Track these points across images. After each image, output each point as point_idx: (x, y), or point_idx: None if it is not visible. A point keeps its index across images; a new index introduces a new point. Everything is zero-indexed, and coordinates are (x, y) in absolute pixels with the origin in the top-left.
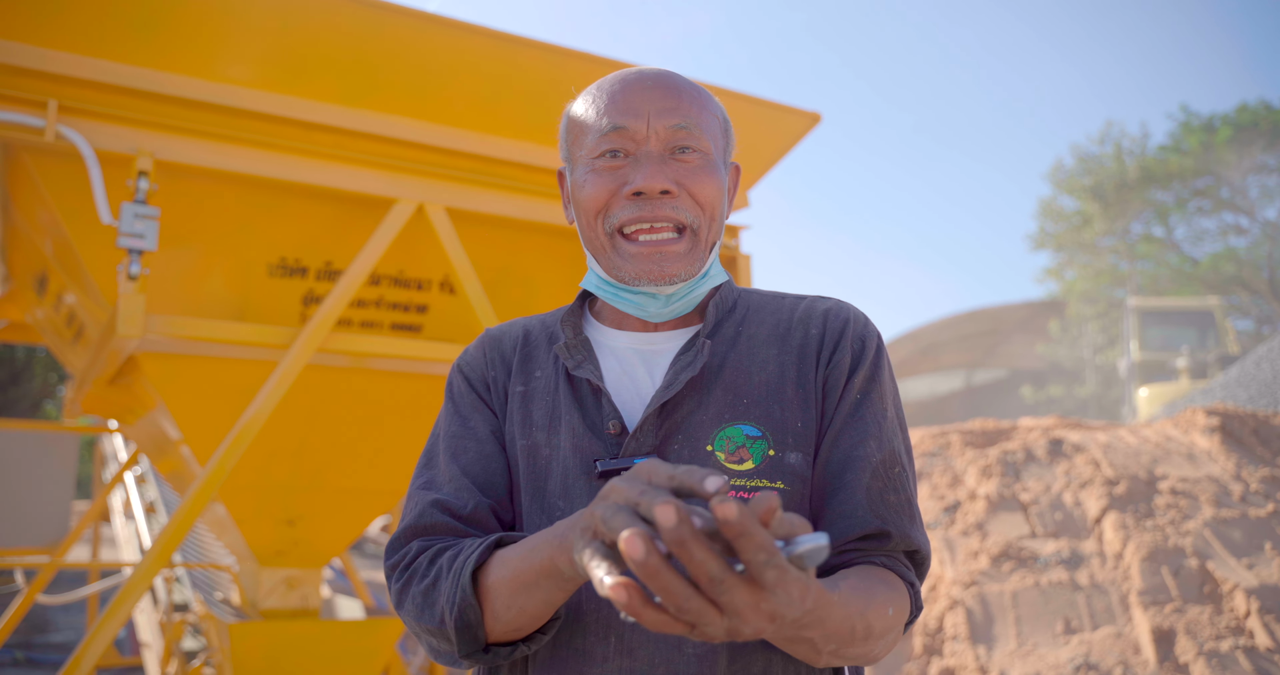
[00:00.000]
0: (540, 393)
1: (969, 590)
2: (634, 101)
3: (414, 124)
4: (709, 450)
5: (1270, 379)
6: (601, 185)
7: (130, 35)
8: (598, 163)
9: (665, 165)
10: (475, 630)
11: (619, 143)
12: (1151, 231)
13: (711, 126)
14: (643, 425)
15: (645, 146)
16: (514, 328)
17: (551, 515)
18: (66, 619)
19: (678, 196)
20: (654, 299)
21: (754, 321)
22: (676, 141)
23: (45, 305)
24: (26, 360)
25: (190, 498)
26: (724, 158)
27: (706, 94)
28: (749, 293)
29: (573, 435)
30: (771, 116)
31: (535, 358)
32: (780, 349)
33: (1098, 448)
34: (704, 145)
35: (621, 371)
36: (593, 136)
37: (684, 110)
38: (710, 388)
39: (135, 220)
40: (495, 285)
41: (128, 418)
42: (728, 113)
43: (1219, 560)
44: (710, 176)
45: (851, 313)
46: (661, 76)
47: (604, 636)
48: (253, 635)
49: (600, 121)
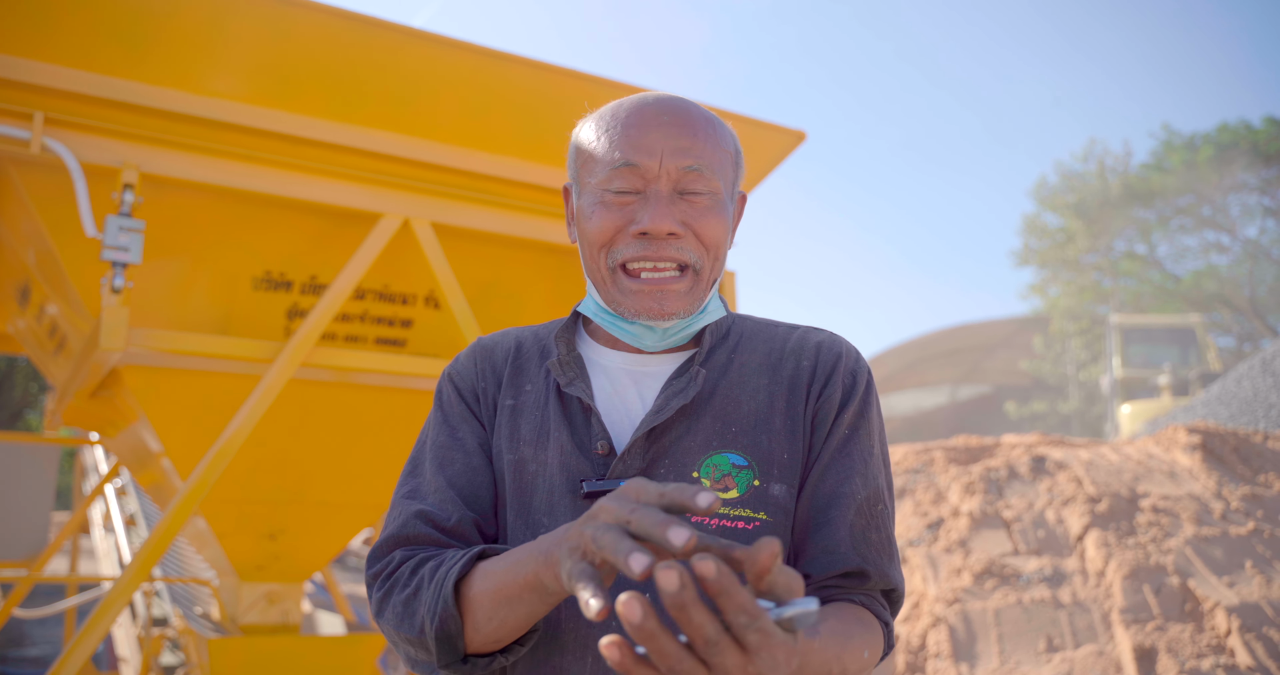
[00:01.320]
0: (530, 407)
1: (952, 608)
2: (648, 139)
3: (400, 139)
4: (694, 477)
5: (1251, 397)
6: (609, 220)
7: (117, 48)
8: (606, 196)
9: (674, 206)
10: (455, 641)
11: (629, 179)
12: (1134, 249)
13: (723, 163)
14: (631, 448)
15: (655, 185)
16: (506, 338)
17: (536, 531)
18: (43, 633)
19: (683, 238)
20: (651, 331)
21: (746, 349)
22: (687, 184)
23: (27, 316)
24: (8, 370)
25: (171, 511)
26: (732, 191)
27: (720, 126)
28: (743, 319)
29: (561, 453)
30: (757, 134)
31: (526, 371)
32: (771, 379)
33: (1080, 465)
34: (714, 185)
35: (612, 391)
36: (603, 168)
37: (697, 150)
38: (700, 414)
39: (120, 233)
40: (480, 300)
41: (109, 430)
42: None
43: (1200, 578)
44: (717, 218)
45: (844, 347)
46: (677, 111)
47: (581, 655)
48: (232, 651)
49: (612, 154)
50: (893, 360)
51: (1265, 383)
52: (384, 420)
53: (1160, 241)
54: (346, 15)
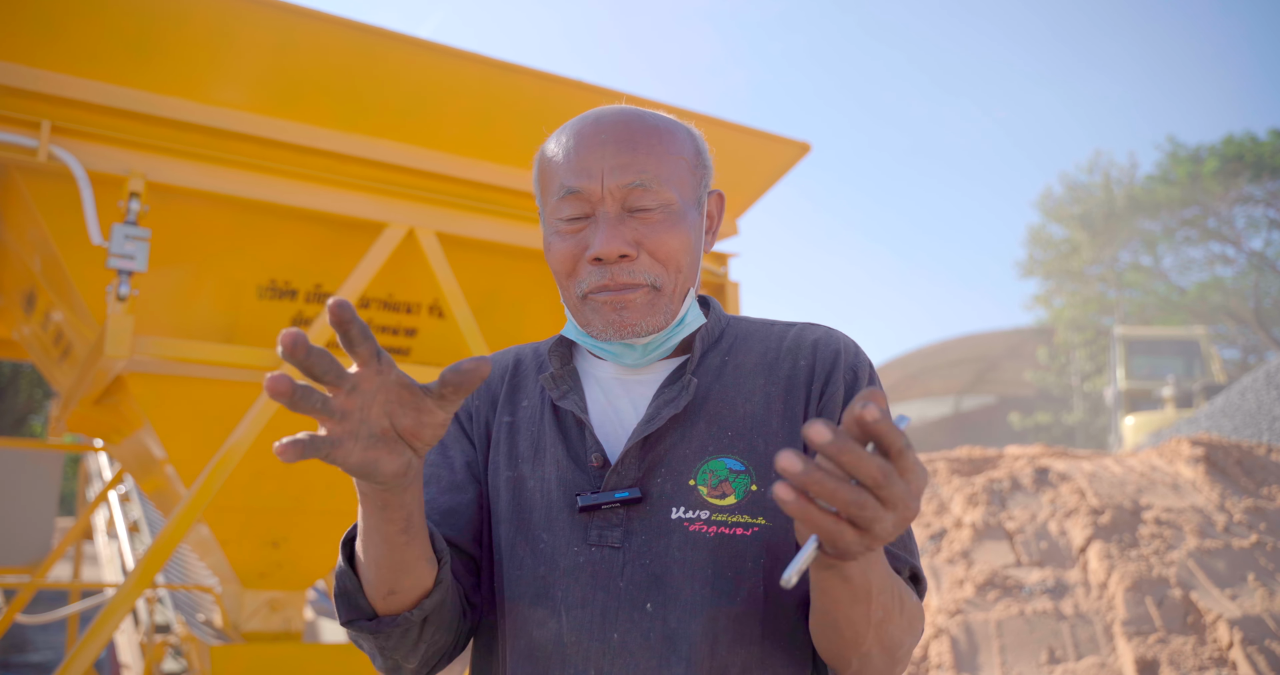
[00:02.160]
0: (526, 423)
1: (954, 619)
2: (587, 161)
3: (405, 148)
4: (691, 484)
5: (1255, 409)
6: (566, 250)
7: (124, 57)
8: (559, 225)
9: (623, 226)
10: (354, 597)
11: (576, 205)
12: (1139, 260)
13: (675, 171)
14: (623, 459)
15: (602, 207)
16: (505, 356)
17: (535, 546)
18: (46, 639)
19: (636, 259)
20: (630, 349)
21: (741, 350)
22: (634, 201)
23: (33, 322)
24: (12, 376)
25: (175, 518)
26: (696, 196)
27: (670, 132)
28: (737, 321)
29: (557, 467)
30: (761, 146)
31: (523, 387)
32: (767, 379)
33: (1083, 477)
34: (664, 197)
35: (606, 402)
36: (553, 197)
37: (639, 164)
38: (694, 421)
39: (126, 241)
40: (484, 310)
41: (113, 437)
42: (716, 142)
43: (1202, 590)
44: (671, 231)
45: (842, 342)
46: (616, 126)
47: (583, 669)
48: (235, 658)
49: (556, 183)
50: (897, 370)
51: (1269, 395)
52: None
53: (1165, 253)
54: (352, 25)
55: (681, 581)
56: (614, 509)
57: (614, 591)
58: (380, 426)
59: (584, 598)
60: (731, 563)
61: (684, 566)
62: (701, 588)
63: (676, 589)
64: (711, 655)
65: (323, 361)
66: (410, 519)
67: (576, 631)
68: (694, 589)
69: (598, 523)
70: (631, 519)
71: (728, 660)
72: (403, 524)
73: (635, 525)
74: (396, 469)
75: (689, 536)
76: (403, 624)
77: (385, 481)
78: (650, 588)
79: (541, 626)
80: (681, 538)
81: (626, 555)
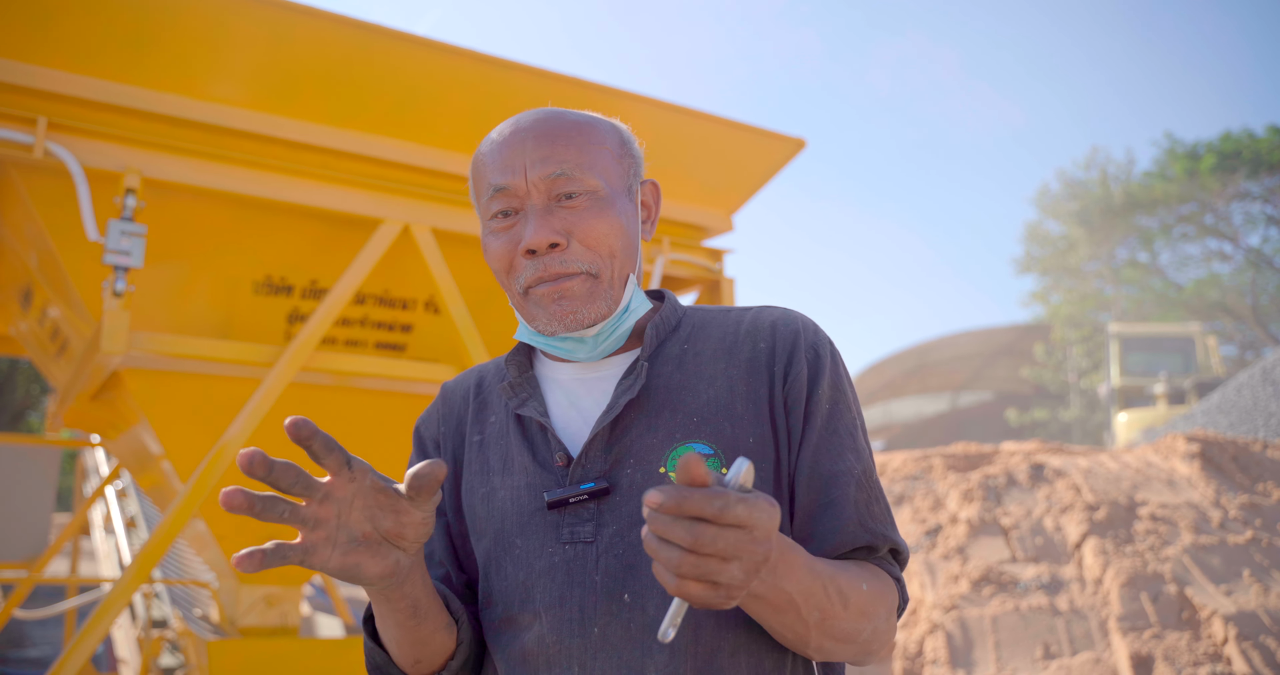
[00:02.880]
0: (494, 438)
1: (949, 614)
2: (509, 158)
3: (401, 145)
4: (662, 472)
5: (1250, 406)
6: (501, 246)
7: (120, 53)
8: (492, 224)
9: (551, 217)
10: (386, 670)
11: (505, 202)
12: (1136, 257)
13: (599, 160)
14: (586, 451)
15: (529, 200)
16: (468, 378)
17: (511, 552)
18: (43, 634)
19: (566, 248)
20: (581, 343)
21: (699, 338)
22: (558, 189)
23: (29, 319)
24: (9, 371)
25: (171, 514)
26: (625, 183)
27: (590, 125)
28: (695, 310)
29: (526, 474)
30: (757, 142)
31: (490, 404)
32: (728, 363)
33: (1079, 473)
34: (590, 184)
35: (568, 404)
36: (484, 197)
37: (559, 156)
38: (658, 409)
39: (122, 237)
40: (480, 306)
41: (110, 432)
42: (713, 139)
43: (1197, 586)
44: (600, 217)
45: (800, 322)
46: (537, 123)
47: (567, 667)
48: (231, 653)
49: (484, 184)
50: (894, 367)
51: (1265, 392)
52: (383, 424)
53: (1162, 249)
54: (348, 22)
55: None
56: (584, 504)
57: (590, 586)
58: (362, 531)
59: (562, 596)
60: None
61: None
62: None
63: (652, 577)
64: (696, 641)
65: (287, 475)
66: (417, 604)
67: (557, 630)
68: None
69: (569, 520)
70: (602, 512)
71: (713, 645)
72: (409, 610)
73: (606, 518)
74: (382, 571)
75: None
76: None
77: (373, 583)
78: (626, 578)
79: (527, 630)
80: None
81: (599, 548)
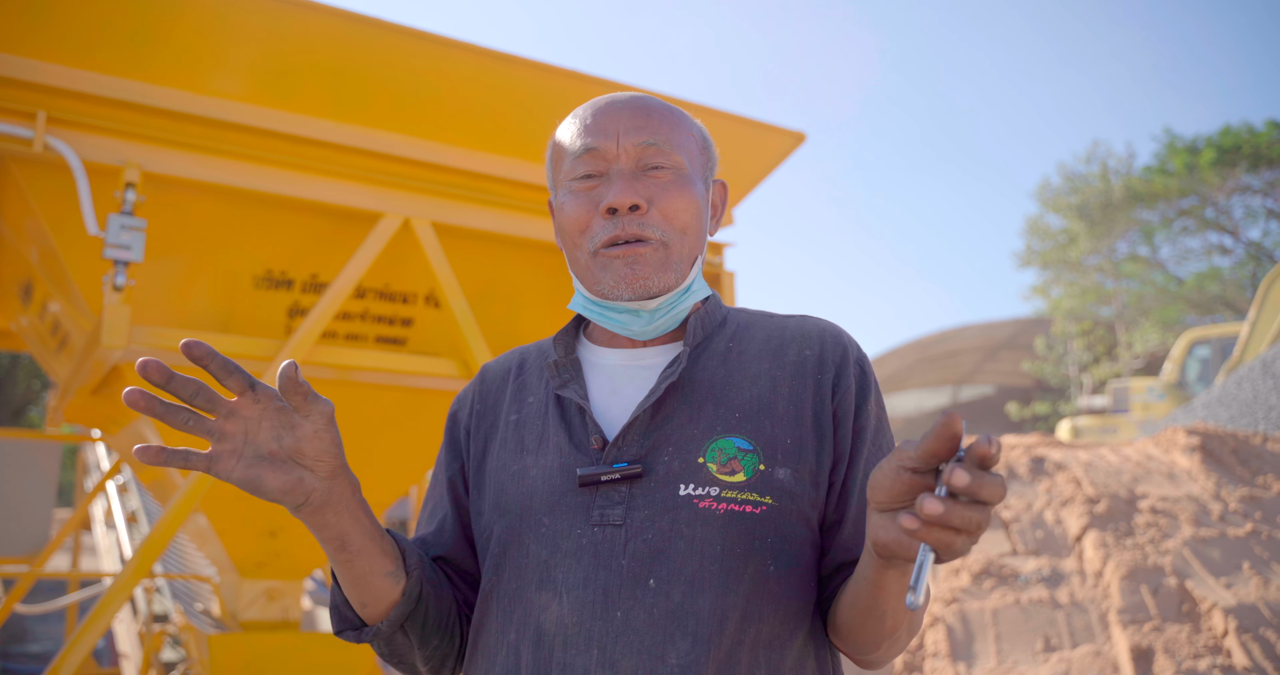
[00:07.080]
0: (531, 418)
1: (949, 607)
2: (604, 122)
3: (401, 139)
4: (700, 462)
5: (1250, 399)
6: (579, 206)
7: (120, 48)
8: (574, 184)
9: (636, 182)
10: (341, 609)
11: (592, 164)
12: (1137, 251)
13: (686, 143)
14: (624, 434)
15: (617, 164)
16: (510, 358)
17: (537, 530)
18: (45, 629)
19: (647, 212)
20: (637, 316)
21: (745, 337)
22: (647, 159)
23: (30, 313)
24: (10, 367)
25: (172, 508)
26: (703, 173)
27: (681, 113)
28: (738, 311)
29: (559, 454)
30: (756, 135)
31: (529, 385)
32: (773, 364)
33: (1079, 466)
34: (676, 161)
35: (611, 389)
36: (569, 160)
37: (653, 127)
38: (701, 401)
39: (122, 231)
40: (481, 300)
41: (111, 427)
42: (713, 131)
43: (1198, 579)
44: (681, 192)
45: (845, 337)
46: (633, 99)
47: (586, 648)
48: (232, 647)
49: (574, 145)
50: (895, 361)
51: (1265, 385)
52: (384, 418)
53: (1163, 243)
54: (348, 16)
55: (687, 557)
56: (616, 487)
57: (616, 570)
58: (269, 449)
59: (586, 578)
60: (741, 540)
61: (691, 543)
62: (710, 564)
63: (680, 564)
64: (721, 632)
65: (188, 387)
66: (345, 539)
67: (578, 611)
68: (701, 565)
69: (600, 502)
70: (634, 496)
71: (737, 637)
72: (338, 543)
73: (638, 501)
74: (282, 485)
75: (698, 513)
76: (381, 634)
77: (277, 498)
78: (653, 563)
79: (544, 611)
80: (690, 514)
81: (628, 532)
